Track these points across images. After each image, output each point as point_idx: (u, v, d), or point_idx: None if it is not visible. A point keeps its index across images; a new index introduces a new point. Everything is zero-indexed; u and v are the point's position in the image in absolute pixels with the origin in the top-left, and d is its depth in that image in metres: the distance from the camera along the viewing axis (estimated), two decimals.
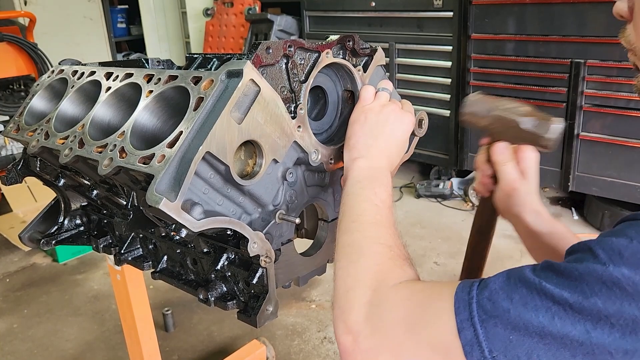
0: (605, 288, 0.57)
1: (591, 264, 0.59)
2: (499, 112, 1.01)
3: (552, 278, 0.61)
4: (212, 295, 1.07)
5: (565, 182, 3.55)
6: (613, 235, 0.61)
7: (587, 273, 0.59)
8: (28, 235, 1.43)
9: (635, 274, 0.56)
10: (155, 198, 0.82)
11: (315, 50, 1.03)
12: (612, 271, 0.57)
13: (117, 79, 1.13)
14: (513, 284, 0.63)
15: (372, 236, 0.85)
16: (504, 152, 1.05)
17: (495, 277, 0.66)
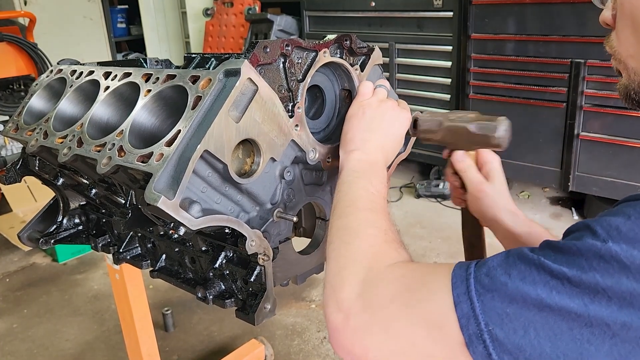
0: (603, 262, 0.58)
1: (589, 240, 0.60)
2: (449, 123, 1.06)
3: (551, 254, 0.62)
4: (211, 293, 1.08)
5: (565, 182, 3.55)
6: (611, 215, 0.62)
7: (586, 248, 0.59)
8: (27, 235, 1.43)
9: (633, 248, 0.57)
10: (154, 196, 0.82)
11: (313, 50, 1.03)
12: (611, 246, 0.58)
13: (115, 79, 1.13)
14: (512, 260, 0.64)
15: (366, 220, 0.85)
16: (463, 159, 1.10)
17: (494, 255, 0.67)
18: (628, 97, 0.77)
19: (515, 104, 3.64)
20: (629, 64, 0.75)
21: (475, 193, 1.10)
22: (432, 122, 1.08)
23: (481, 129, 1.01)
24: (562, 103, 3.42)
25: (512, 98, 3.65)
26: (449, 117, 1.07)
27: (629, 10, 0.72)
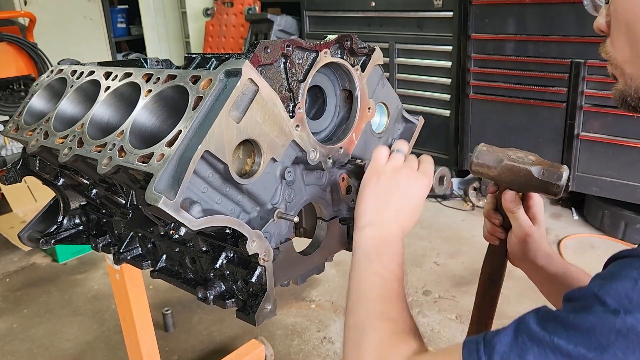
0: (621, 337, 0.56)
1: (601, 313, 0.58)
2: (509, 162, 1.04)
3: (562, 332, 0.59)
4: (211, 293, 1.07)
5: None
6: (614, 279, 0.60)
7: (600, 323, 0.57)
8: (27, 235, 1.43)
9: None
10: (155, 197, 0.82)
11: (314, 50, 1.03)
12: (626, 319, 0.56)
13: (116, 79, 1.13)
14: (522, 342, 0.62)
15: (375, 312, 0.85)
16: (514, 199, 1.07)
17: (500, 335, 0.65)
18: (624, 102, 0.78)
19: (515, 104, 3.64)
20: (626, 70, 0.75)
21: (521, 235, 1.09)
22: (490, 156, 1.06)
23: (545, 174, 1.00)
24: (562, 103, 3.42)
25: (512, 98, 3.65)
26: (509, 154, 1.05)
27: (622, 17, 0.73)
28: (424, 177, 1.01)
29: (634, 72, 0.74)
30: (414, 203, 0.99)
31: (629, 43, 0.73)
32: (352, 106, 1.13)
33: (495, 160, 1.05)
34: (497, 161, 1.05)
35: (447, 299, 2.88)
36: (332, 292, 2.98)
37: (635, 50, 0.72)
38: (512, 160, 1.04)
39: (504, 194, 1.08)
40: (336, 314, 2.80)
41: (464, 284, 3.00)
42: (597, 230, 3.56)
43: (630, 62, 0.74)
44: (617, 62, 0.76)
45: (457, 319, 2.70)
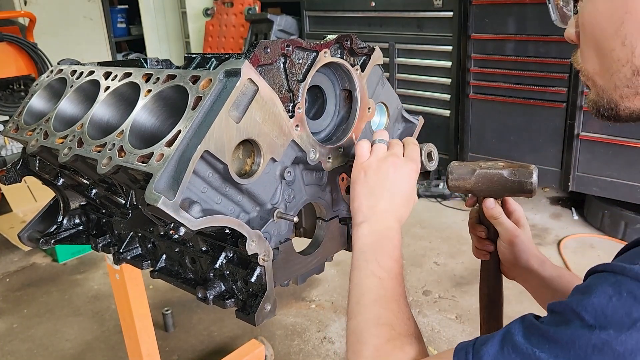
0: (597, 351, 0.59)
1: (579, 329, 0.61)
2: (482, 170, 1.07)
3: (544, 345, 0.62)
4: (211, 293, 1.07)
5: (565, 182, 3.55)
6: (591, 294, 0.62)
7: (577, 338, 0.60)
8: (27, 235, 1.43)
9: (620, 332, 0.58)
10: (154, 196, 0.82)
11: (313, 50, 1.03)
12: (600, 334, 0.59)
13: (115, 79, 1.13)
14: (507, 354, 0.65)
15: (372, 318, 0.86)
16: (494, 206, 1.10)
17: (488, 346, 0.67)
18: (598, 112, 0.78)
19: (515, 104, 3.64)
20: (597, 82, 0.75)
21: (510, 239, 1.10)
22: (463, 169, 1.08)
23: (516, 175, 1.04)
24: (562, 103, 3.42)
25: (512, 98, 3.65)
26: (479, 164, 1.08)
27: (590, 31, 0.72)
28: (410, 162, 1.01)
29: (604, 84, 0.74)
30: (405, 191, 1.00)
31: (597, 57, 0.73)
32: (352, 106, 1.13)
33: (468, 172, 1.08)
34: (470, 172, 1.07)
35: (447, 299, 2.88)
36: (332, 292, 2.98)
37: (604, 64, 0.72)
38: (483, 168, 1.07)
39: (484, 202, 1.10)
40: (336, 314, 2.80)
41: (464, 284, 3.00)
42: (597, 230, 3.56)
43: (600, 75, 0.74)
44: (588, 74, 0.77)
45: (457, 319, 2.70)
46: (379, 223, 0.96)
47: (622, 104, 0.74)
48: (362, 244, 0.95)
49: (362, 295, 0.89)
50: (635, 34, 0.67)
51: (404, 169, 1.00)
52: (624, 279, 0.61)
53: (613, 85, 0.73)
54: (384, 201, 0.98)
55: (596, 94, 0.77)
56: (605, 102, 0.75)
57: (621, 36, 0.68)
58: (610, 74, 0.72)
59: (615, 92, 0.73)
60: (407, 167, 1.01)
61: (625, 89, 0.71)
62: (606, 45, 0.70)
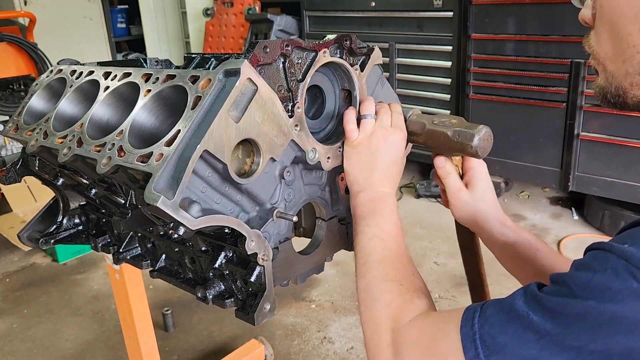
0: (580, 318, 0.64)
1: (567, 298, 0.66)
2: (431, 127, 1.07)
3: (539, 310, 0.68)
4: (210, 293, 1.07)
5: (565, 182, 3.55)
6: (581, 269, 0.67)
7: (565, 306, 0.65)
8: (27, 235, 1.43)
9: (599, 304, 0.62)
10: (154, 196, 0.82)
11: (313, 50, 1.03)
12: (583, 303, 0.64)
13: (115, 79, 1.13)
14: (506, 316, 0.70)
15: (380, 275, 0.92)
16: (443, 165, 1.11)
17: (493, 307, 0.73)
18: (604, 98, 0.77)
19: (515, 104, 3.64)
20: (608, 67, 0.75)
21: (451, 200, 1.12)
22: (417, 123, 1.09)
23: (459, 135, 1.02)
24: (562, 103, 3.42)
25: (512, 98, 3.65)
26: (433, 120, 1.07)
27: (608, 13, 0.71)
28: (398, 131, 1.07)
29: (615, 70, 0.73)
30: (395, 158, 1.06)
31: (612, 41, 0.72)
32: (351, 106, 1.13)
33: (420, 127, 1.09)
34: (421, 127, 1.08)
35: (447, 299, 2.88)
36: (332, 292, 2.98)
37: (618, 49, 0.71)
38: (433, 125, 1.07)
39: (434, 160, 1.11)
40: (336, 314, 2.80)
41: (464, 284, 3.00)
42: (597, 230, 3.56)
43: (612, 60, 0.73)
44: (599, 58, 0.76)
45: None
46: (375, 191, 1.03)
47: (631, 92, 0.72)
48: (362, 211, 1.02)
49: (368, 256, 0.95)
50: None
51: (393, 139, 1.06)
52: (611, 256, 0.64)
53: (624, 72, 0.71)
54: (378, 171, 1.05)
55: (605, 80, 0.76)
56: (613, 88, 0.74)
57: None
58: (623, 59, 0.71)
59: (626, 79, 0.72)
60: (396, 136, 1.06)
61: (637, 76, 0.70)
62: (623, 30, 0.69)
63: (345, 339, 2.61)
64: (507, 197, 4.08)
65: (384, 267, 0.92)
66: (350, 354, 2.51)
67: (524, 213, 3.85)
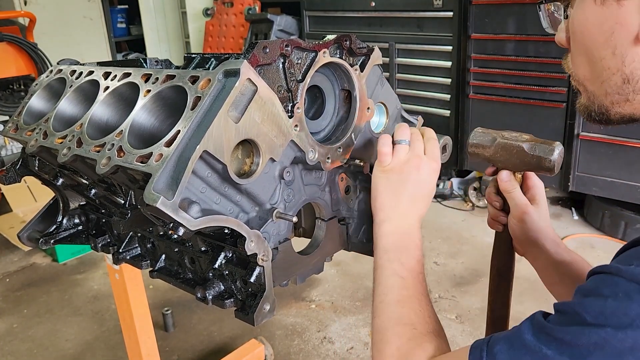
0: (598, 348, 0.62)
1: (581, 327, 0.64)
2: (503, 140, 1.05)
3: (551, 343, 0.65)
4: (210, 293, 1.07)
5: (565, 182, 3.55)
6: (590, 296, 0.65)
7: (580, 335, 0.63)
8: (27, 235, 1.43)
9: (618, 331, 0.61)
10: (153, 197, 0.82)
11: (312, 50, 1.03)
12: (599, 332, 0.62)
13: (115, 79, 1.13)
14: (517, 352, 0.68)
15: (395, 318, 0.90)
16: (510, 179, 1.09)
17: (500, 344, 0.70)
18: (589, 116, 0.81)
19: (515, 104, 3.64)
20: (588, 87, 0.78)
21: (519, 215, 1.10)
22: (485, 136, 1.07)
23: (537, 150, 1.02)
24: (562, 103, 3.42)
25: (512, 98, 3.65)
26: (503, 134, 1.06)
27: (581, 39, 0.74)
28: (431, 161, 1.03)
29: (595, 90, 0.76)
30: (426, 190, 1.03)
31: (588, 64, 0.75)
32: (351, 106, 1.13)
33: (489, 140, 1.07)
34: (491, 141, 1.06)
35: (447, 299, 2.88)
36: (332, 292, 2.98)
37: (595, 71, 0.74)
38: (505, 138, 1.05)
39: (499, 174, 1.09)
40: (336, 314, 2.80)
41: (464, 284, 3.00)
42: (597, 230, 3.56)
43: (591, 82, 0.76)
44: (579, 79, 0.79)
45: (457, 319, 2.70)
46: (401, 222, 0.99)
47: (613, 110, 0.76)
48: (385, 243, 0.98)
49: (385, 295, 0.92)
50: (625, 44, 0.68)
51: (426, 169, 1.02)
52: (619, 280, 0.63)
53: (604, 92, 0.75)
54: (406, 201, 1.01)
55: (587, 99, 0.79)
56: (596, 107, 0.78)
57: (611, 46, 0.70)
58: (600, 81, 0.74)
59: (606, 98, 0.75)
60: (429, 167, 1.03)
61: (616, 95, 0.74)
62: (596, 54, 0.72)
63: (345, 339, 2.61)
64: None
65: (399, 309, 0.90)
66: (350, 354, 2.51)
67: None
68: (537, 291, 2.86)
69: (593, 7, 0.71)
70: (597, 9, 0.70)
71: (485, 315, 1.22)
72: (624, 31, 0.68)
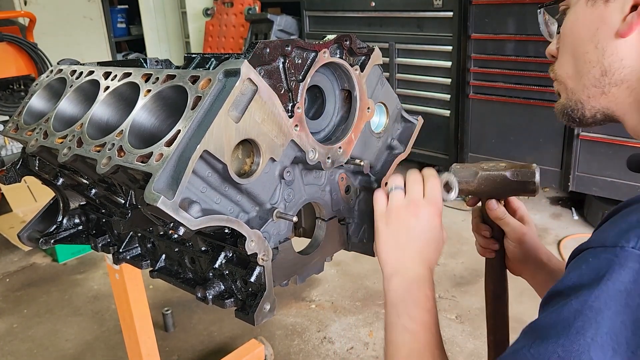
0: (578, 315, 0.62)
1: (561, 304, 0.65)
2: (484, 172, 1.08)
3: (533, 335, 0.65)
4: (210, 293, 1.07)
5: (565, 182, 3.55)
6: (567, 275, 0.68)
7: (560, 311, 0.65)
8: (27, 235, 1.43)
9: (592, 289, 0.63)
10: (153, 196, 0.82)
11: (313, 50, 1.03)
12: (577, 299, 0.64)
13: (115, 79, 1.13)
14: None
15: None
16: (498, 207, 1.12)
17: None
18: (564, 114, 0.89)
19: (515, 104, 3.64)
20: (568, 85, 0.87)
21: (518, 237, 1.12)
22: (466, 172, 1.08)
23: (519, 176, 1.05)
24: None
25: (512, 98, 3.65)
26: (482, 166, 1.08)
27: (569, 38, 0.85)
28: (430, 204, 0.98)
29: (574, 86, 0.86)
30: (431, 235, 0.98)
31: (572, 60, 0.85)
32: (351, 106, 1.13)
33: (471, 175, 1.08)
34: (473, 175, 1.08)
35: (447, 299, 2.88)
36: (332, 292, 2.98)
37: (577, 66, 0.84)
38: (486, 170, 1.07)
39: (488, 204, 1.12)
40: (336, 314, 2.80)
41: (464, 284, 3.01)
42: None
43: (572, 78, 0.86)
44: (561, 79, 0.88)
45: (457, 319, 2.70)
46: (408, 273, 0.95)
47: (589, 104, 0.85)
48: (393, 297, 0.94)
49: (395, 352, 0.89)
50: (607, 38, 0.79)
51: (425, 214, 0.97)
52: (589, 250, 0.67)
53: (582, 86, 0.84)
54: (411, 250, 0.97)
55: (566, 97, 0.88)
56: (573, 102, 0.87)
57: (594, 41, 0.80)
58: (581, 75, 0.84)
59: (583, 92, 0.84)
60: (428, 210, 0.98)
61: (592, 88, 0.83)
62: (581, 49, 0.83)
63: (345, 339, 2.61)
64: None
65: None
66: (350, 354, 2.51)
67: None
68: None
69: (584, 8, 0.82)
70: (587, 10, 0.81)
71: (485, 316, 1.22)
72: (606, 27, 0.79)
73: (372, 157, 1.23)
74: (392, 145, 1.26)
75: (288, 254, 1.11)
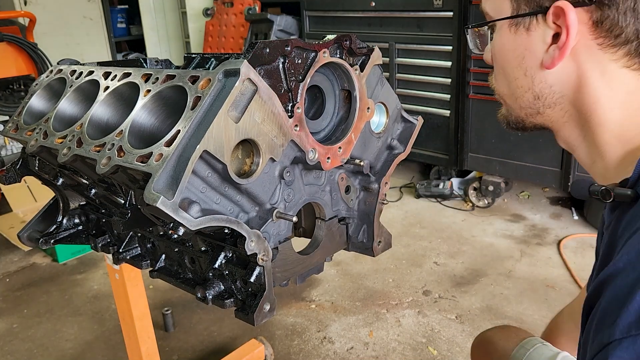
0: None
1: None
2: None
3: None
4: (210, 293, 1.08)
5: (565, 182, 3.55)
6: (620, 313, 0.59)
7: None
8: (27, 235, 1.43)
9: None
10: (153, 196, 0.82)
11: (313, 50, 1.03)
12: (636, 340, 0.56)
13: (115, 79, 1.13)
14: None
15: None
16: None
17: None
18: (508, 124, 0.92)
19: None
20: (506, 101, 0.89)
21: None
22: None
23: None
24: None
25: None
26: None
27: (499, 61, 0.86)
28: None
29: (511, 104, 0.88)
30: None
31: (506, 82, 0.86)
32: (351, 106, 1.13)
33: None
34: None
35: (447, 299, 2.88)
36: (332, 292, 2.98)
37: (510, 88, 0.86)
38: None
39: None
40: (336, 314, 2.80)
41: (464, 284, 3.00)
42: (597, 230, 3.56)
43: (508, 97, 0.87)
44: (499, 94, 0.90)
45: (457, 319, 2.70)
46: None
47: (528, 120, 0.88)
48: None
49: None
50: (534, 67, 0.80)
51: None
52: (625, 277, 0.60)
53: (519, 106, 0.86)
54: None
55: (506, 111, 0.91)
56: (513, 117, 0.89)
57: (523, 68, 0.81)
58: (515, 97, 0.85)
59: (521, 111, 0.87)
60: None
61: (529, 109, 0.85)
62: (511, 74, 0.84)
63: (345, 339, 2.61)
64: (507, 197, 4.08)
65: None
66: (350, 354, 2.51)
67: (524, 213, 3.85)
68: (536, 292, 2.86)
69: (508, 35, 0.82)
70: (511, 37, 0.81)
71: (485, 315, 1.22)
72: (532, 57, 0.79)
73: (372, 157, 1.23)
74: (392, 145, 1.27)
75: (288, 254, 1.11)
